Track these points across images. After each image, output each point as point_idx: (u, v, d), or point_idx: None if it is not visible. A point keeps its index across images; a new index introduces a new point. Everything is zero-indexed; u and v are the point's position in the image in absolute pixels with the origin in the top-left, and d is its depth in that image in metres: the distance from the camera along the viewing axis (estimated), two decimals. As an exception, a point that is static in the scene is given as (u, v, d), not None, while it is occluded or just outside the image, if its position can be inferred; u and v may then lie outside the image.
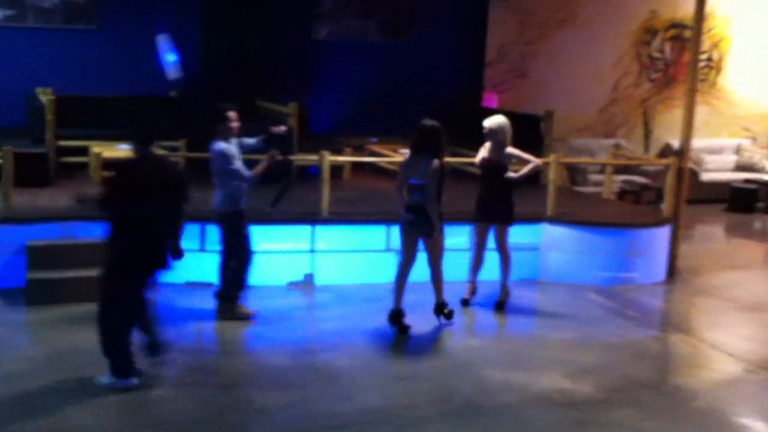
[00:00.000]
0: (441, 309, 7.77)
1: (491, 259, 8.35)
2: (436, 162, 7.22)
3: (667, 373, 7.16)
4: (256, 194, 7.59)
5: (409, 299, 8.47)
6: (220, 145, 7.20)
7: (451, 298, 7.88)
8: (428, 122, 7.38)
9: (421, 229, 7.38)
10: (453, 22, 13.88)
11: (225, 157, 7.18)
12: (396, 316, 7.49)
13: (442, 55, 13.77)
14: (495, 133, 7.93)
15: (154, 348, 6.33)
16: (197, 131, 8.40)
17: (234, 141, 7.30)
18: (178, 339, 6.94)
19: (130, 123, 10.79)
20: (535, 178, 9.50)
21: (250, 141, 7.49)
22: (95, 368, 6.24)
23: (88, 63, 12.15)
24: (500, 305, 8.20)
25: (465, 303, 8.32)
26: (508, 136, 7.97)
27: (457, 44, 13.87)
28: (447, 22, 13.85)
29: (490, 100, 13.85)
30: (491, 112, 10.23)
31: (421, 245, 7.51)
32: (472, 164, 9.53)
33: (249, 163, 7.36)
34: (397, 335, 7.45)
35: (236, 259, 7.47)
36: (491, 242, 8.24)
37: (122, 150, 9.90)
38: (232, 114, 7.22)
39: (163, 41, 12.48)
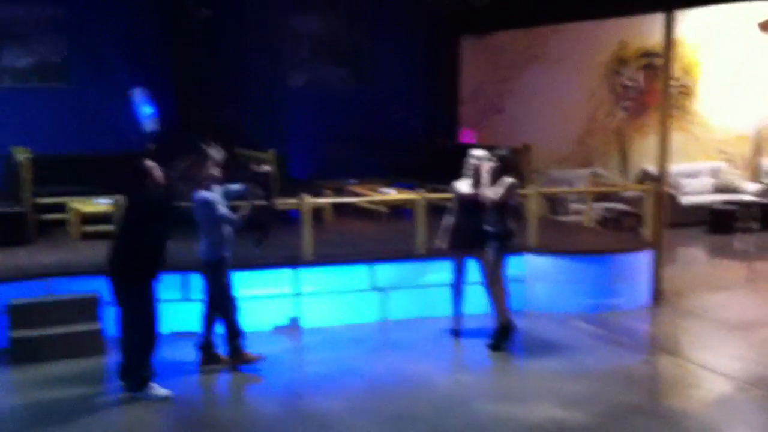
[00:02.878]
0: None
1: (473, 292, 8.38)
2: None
3: (659, 397, 7.15)
4: (239, 240, 7.58)
5: (398, 337, 8.51)
6: (202, 193, 7.20)
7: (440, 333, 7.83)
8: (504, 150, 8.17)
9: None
10: (426, 63, 14.02)
11: (208, 205, 7.16)
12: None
13: (417, 95, 13.90)
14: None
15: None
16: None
17: (217, 188, 7.31)
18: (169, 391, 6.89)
19: (107, 179, 11.00)
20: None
21: (235, 187, 7.50)
22: (80, 424, 6.18)
23: (63, 120, 12.17)
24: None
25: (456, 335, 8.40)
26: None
27: (432, 84, 14.00)
28: (420, 63, 13.99)
29: (466, 136, 13.95)
30: (468, 147, 10.32)
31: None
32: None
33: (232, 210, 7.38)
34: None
35: (222, 308, 7.43)
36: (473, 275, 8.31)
37: (100, 204, 9.90)
38: (208, 162, 7.23)
39: (138, 94, 12.54)
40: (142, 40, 12.60)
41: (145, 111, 12.57)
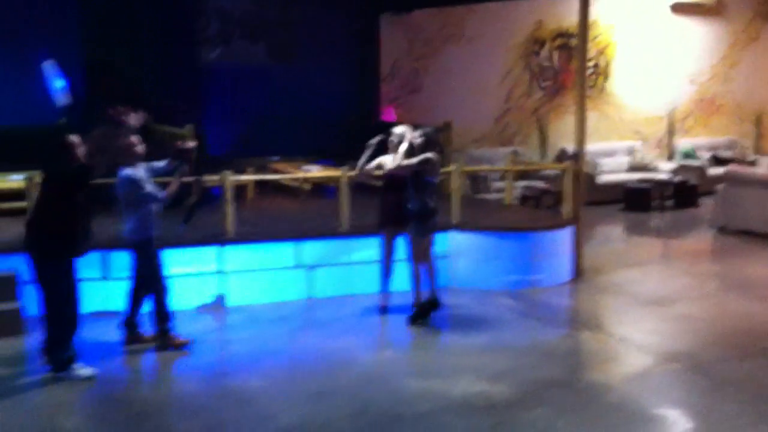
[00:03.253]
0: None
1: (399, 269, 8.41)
2: None
3: (579, 370, 7.28)
4: (163, 219, 7.43)
5: (323, 314, 8.49)
6: (127, 171, 7.03)
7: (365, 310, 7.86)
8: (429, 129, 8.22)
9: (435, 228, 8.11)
10: (345, 39, 13.93)
11: (133, 183, 7.00)
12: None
13: (336, 72, 13.81)
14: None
15: None
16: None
17: (141, 165, 7.13)
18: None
19: (19, 153, 10.66)
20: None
21: (159, 164, 7.34)
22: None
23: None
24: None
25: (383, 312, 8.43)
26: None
27: (351, 61, 13.93)
28: (339, 39, 13.90)
29: (388, 114, 13.95)
30: (391, 125, 10.33)
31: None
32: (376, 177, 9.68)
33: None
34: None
35: (150, 288, 7.28)
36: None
37: (14, 181, 9.59)
38: (133, 138, 7.06)
39: (49, 67, 12.16)
40: (50, 11, 12.22)
41: (57, 84, 12.21)
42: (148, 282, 7.27)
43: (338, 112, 13.68)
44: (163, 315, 7.30)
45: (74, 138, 6.51)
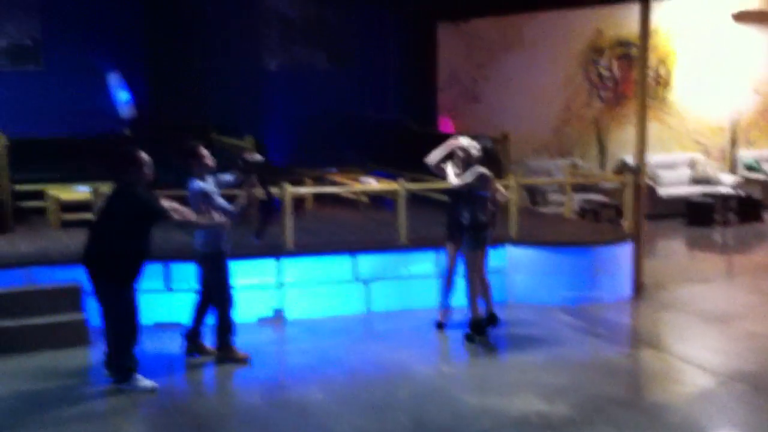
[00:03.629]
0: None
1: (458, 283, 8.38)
2: None
3: (641, 390, 7.18)
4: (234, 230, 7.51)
5: (382, 328, 8.49)
6: (198, 183, 7.09)
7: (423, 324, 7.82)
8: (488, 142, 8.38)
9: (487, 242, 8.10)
10: (403, 49, 13.95)
11: (205, 196, 7.07)
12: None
13: (393, 82, 13.84)
14: None
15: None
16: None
17: (209, 178, 7.22)
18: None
19: (86, 164, 10.88)
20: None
21: (227, 177, 7.40)
22: (61, 415, 6.16)
23: (38, 104, 11.98)
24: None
25: (441, 326, 8.39)
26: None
27: (409, 70, 13.93)
28: (397, 49, 13.92)
29: (445, 125, 13.92)
30: (447, 137, 10.30)
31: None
32: (433, 190, 9.62)
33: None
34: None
35: (215, 300, 7.36)
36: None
37: (79, 192, 9.77)
38: (203, 150, 7.15)
39: (114, 79, 12.39)
40: (114, 22, 12.45)
41: (121, 96, 12.43)
42: (214, 294, 7.34)
43: (396, 121, 13.70)
44: (226, 328, 7.37)
45: (144, 155, 6.60)
